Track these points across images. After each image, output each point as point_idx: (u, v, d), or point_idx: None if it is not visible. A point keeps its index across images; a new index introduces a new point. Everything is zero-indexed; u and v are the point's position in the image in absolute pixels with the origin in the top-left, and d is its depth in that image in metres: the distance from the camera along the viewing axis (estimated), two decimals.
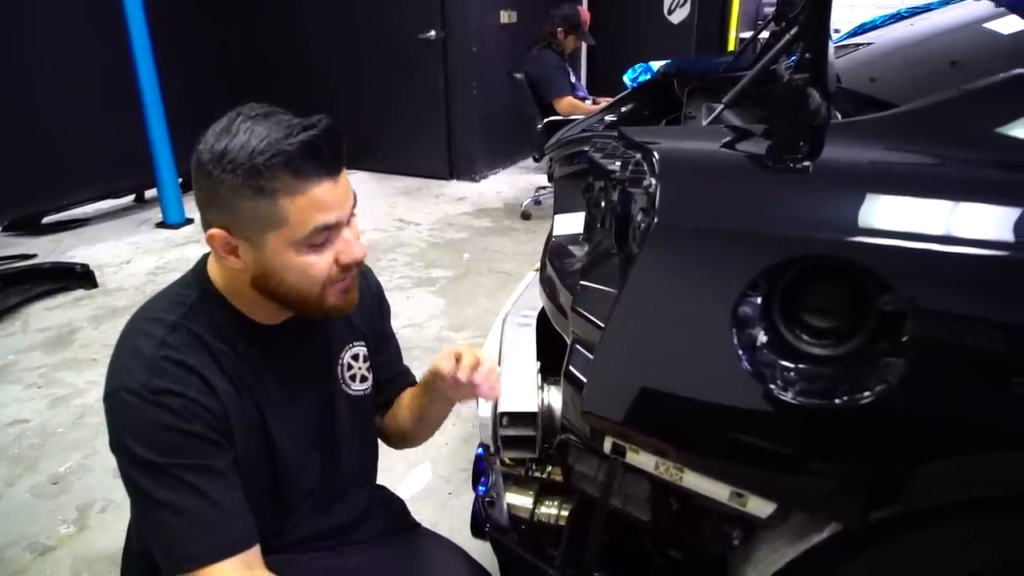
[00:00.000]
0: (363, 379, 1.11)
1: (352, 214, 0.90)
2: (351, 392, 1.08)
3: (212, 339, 0.91)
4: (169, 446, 0.84)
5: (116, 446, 0.87)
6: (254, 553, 0.88)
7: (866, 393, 0.76)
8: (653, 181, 0.89)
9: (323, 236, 0.85)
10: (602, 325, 0.91)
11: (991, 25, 1.23)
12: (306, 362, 1.02)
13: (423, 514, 1.81)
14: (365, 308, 1.11)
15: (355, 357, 1.10)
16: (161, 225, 4.20)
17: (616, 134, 1.11)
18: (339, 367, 1.07)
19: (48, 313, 3.11)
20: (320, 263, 0.87)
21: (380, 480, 1.23)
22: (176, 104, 4.01)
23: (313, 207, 0.83)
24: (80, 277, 3.36)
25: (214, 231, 0.86)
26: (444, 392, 1.06)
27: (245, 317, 0.94)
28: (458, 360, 0.98)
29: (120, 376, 0.87)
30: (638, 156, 0.99)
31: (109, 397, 0.87)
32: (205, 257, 0.97)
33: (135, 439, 0.84)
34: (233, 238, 0.86)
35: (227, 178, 0.81)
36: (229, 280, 0.93)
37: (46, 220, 4.12)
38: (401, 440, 1.23)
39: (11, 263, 3.48)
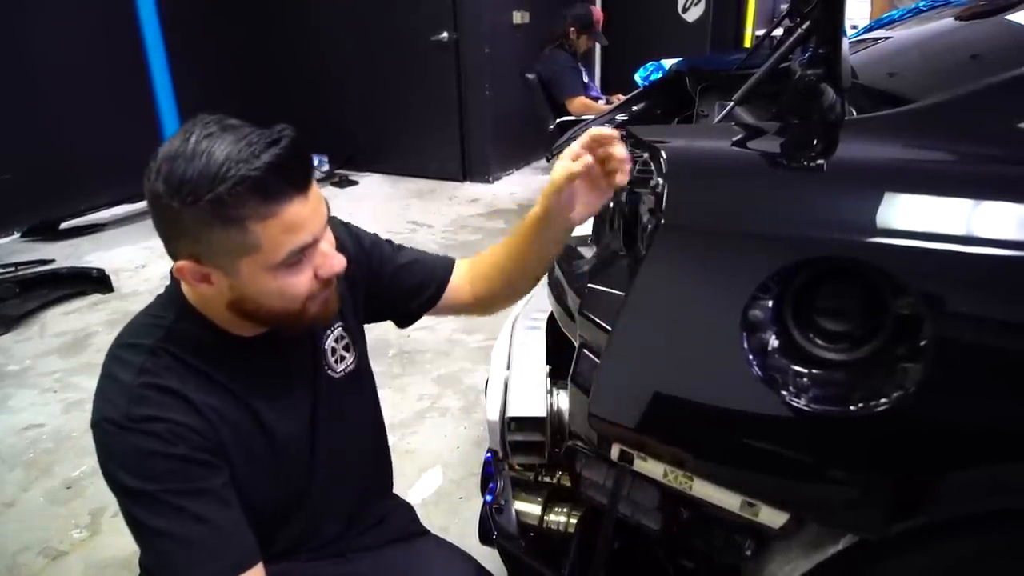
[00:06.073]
0: (342, 359, 1.07)
1: (326, 225, 0.85)
2: (334, 376, 1.05)
3: (193, 359, 0.87)
4: (157, 473, 0.82)
5: (106, 477, 0.85)
6: (257, 571, 0.87)
7: (883, 400, 0.73)
8: (660, 181, 0.87)
9: (299, 256, 0.81)
10: (609, 329, 0.89)
11: (1013, 17, 1.19)
12: (293, 361, 0.99)
13: (434, 518, 1.80)
14: (351, 271, 1.01)
15: (337, 340, 1.06)
16: None
17: (624, 133, 1.09)
18: (324, 356, 1.04)
19: (65, 318, 3.14)
20: (299, 282, 0.83)
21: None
22: (190, 108, 3.97)
23: (286, 230, 0.78)
24: (96, 282, 3.39)
25: (182, 264, 0.80)
26: (565, 216, 0.96)
27: (225, 332, 0.90)
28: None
29: (102, 406, 0.85)
30: (645, 155, 0.97)
31: (93, 428, 0.85)
32: None
33: (123, 469, 0.82)
34: (203, 267, 0.81)
35: (189, 210, 0.75)
36: (204, 301, 0.89)
37: (63, 225, 4.15)
38: (488, 306, 1.17)
39: (29, 268, 3.51)
